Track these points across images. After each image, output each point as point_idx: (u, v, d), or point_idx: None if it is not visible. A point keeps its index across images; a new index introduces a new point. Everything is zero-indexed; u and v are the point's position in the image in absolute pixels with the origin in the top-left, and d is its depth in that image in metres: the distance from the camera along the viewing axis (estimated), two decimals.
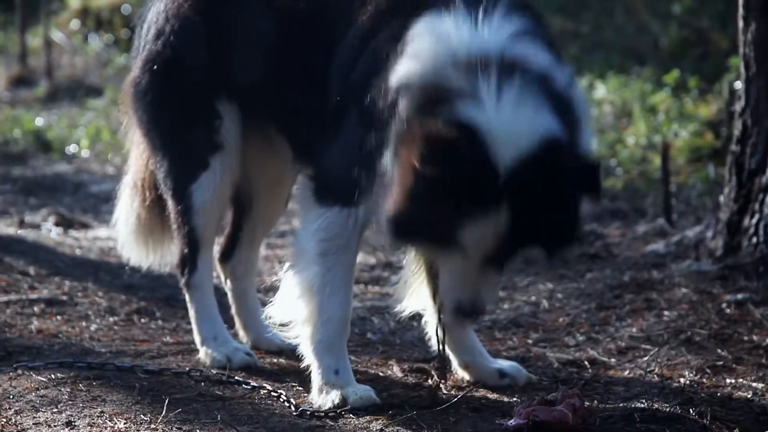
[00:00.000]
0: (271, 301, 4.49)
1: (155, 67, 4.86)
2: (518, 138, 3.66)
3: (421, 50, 3.91)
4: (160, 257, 5.21)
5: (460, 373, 4.65)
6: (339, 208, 4.24)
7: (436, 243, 3.88)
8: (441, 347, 4.45)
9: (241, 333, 5.23)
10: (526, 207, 3.69)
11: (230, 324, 5.15)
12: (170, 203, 4.93)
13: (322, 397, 4.27)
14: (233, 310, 5.27)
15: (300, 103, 4.56)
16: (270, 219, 5.34)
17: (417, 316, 4.78)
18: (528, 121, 3.70)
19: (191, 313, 5.01)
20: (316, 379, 4.31)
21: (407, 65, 3.91)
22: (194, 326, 5.00)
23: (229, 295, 5.29)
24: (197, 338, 4.98)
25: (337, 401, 4.22)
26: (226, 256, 5.29)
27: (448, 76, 3.80)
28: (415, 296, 4.71)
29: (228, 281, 5.29)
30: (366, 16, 4.26)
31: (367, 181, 4.10)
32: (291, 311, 4.37)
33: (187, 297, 5.02)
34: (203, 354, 4.93)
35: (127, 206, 5.20)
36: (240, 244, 5.26)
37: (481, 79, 3.74)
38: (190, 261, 4.94)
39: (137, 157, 5.14)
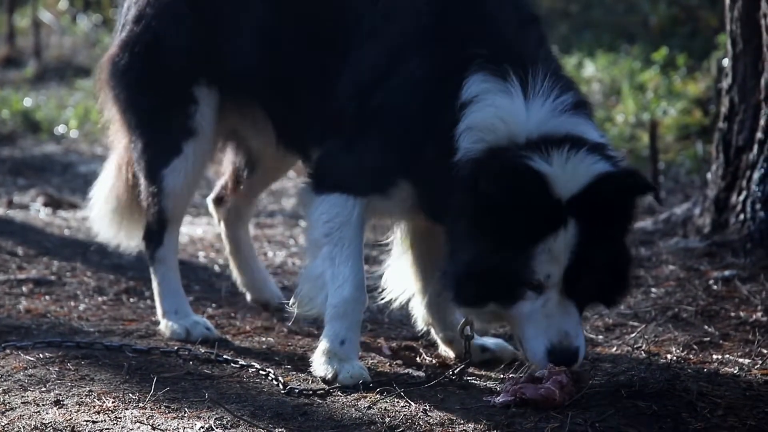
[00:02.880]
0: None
1: (135, 48, 4.89)
2: (578, 176, 3.86)
3: (482, 127, 4.02)
4: (130, 239, 5.28)
5: (443, 349, 4.67)
6: (339, 194, 4.32)
7: (510, 284, 3.94)
8: (466, 348, 4.47)
9: (235, 273, 5.42)
10: (589, 223, 3.88)
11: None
12: (142, 183, 5.00)
13: (319, 365, 4.31)
14: (227, 251, 5.46)
15: (294, 91, 4.59)
16: (270, 178, 5.49)
17: (406, 295, 4.79)
18: (587, 165, 3.89)
19: (154, 285, 5.09)
20: (322, 343, 4.34)
21: (469, 140, 4.02)
22: (157, 299, 5.09)
23: (223, 237, 5.46)
24: (159, 310, 5.07)
25: (329, 376, 4.25)
26: (219, 201, 5.42)
27: (514, 152, 3.94)
28: (404, 276, 4.72)
29: (221, 224, 5.45)
30: (392, 32, 4.30)
31: (377, 184, 4.28)
32: (310, 294, 4.39)
33: (151, 270, 5.10)
34: (164, 326, 5.00)
35: (109, 185, 5.25)
36: (236, 193, 5.37)
37: (544, 151, 3.91)
38: (156, 236, 5.02)
39: (118, 138, 5.17)
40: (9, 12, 16.74)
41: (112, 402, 4.03)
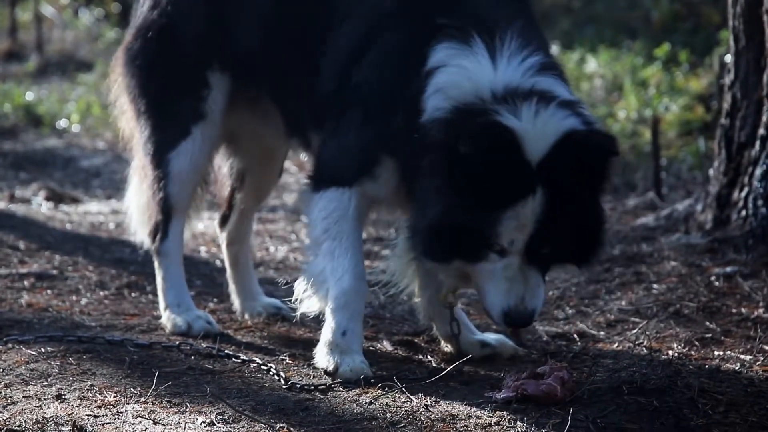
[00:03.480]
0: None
1: (149, 34, 4.93)
2: (548, 133, 3.85)
3: (448, 86, 4.05)
4: None
5: (443, 345, 4.67)
6: (335, 188, 4.35)
7: (475, 244, 3.95)
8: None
9: (233, 296, 5.33)
10: (557, 189, 3.86)
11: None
12: (148, 169, 5.01)
13: (321, 356, 4.34)
14: (227, 274, 5.37)
15: (293, 76, 4.62)
16: (262, 189, 5.42)
17: (407, 291, 4.79)
18: (557, 121, 3.88)
19: (158, 278, 5.09)
20: (324, 335, 4.35)
21: (436, 100, 4.05)
22: (160, 292, 5.08)
23: (225, 259, 5.41)
24: (162, 303, 5.06)
25: (330, 368, 4.27)
26: (223, 223, 5.41)
27: (481, 107, 3.96)
28: (405, 272, 4.72)
29: (223, 246, 5.42)
30: (365, 11, 4.37)
31: (364, 167, 4.29)
32: (312, 290, 4.43)
33: (155, 263, 5.10)
34: (165, 319, 5.01)
35: (136, 190, 5.25)
36: (233, 212, 5.36)
37: (512, 104, 3.92)
38: (162, 228, 5.02)
39: (133, 135, 5.17)
40: (11, 6, 16.74)
41: (114, 396, 4.03)
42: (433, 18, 4.18)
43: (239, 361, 4.49)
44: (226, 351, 4.60)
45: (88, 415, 3.85)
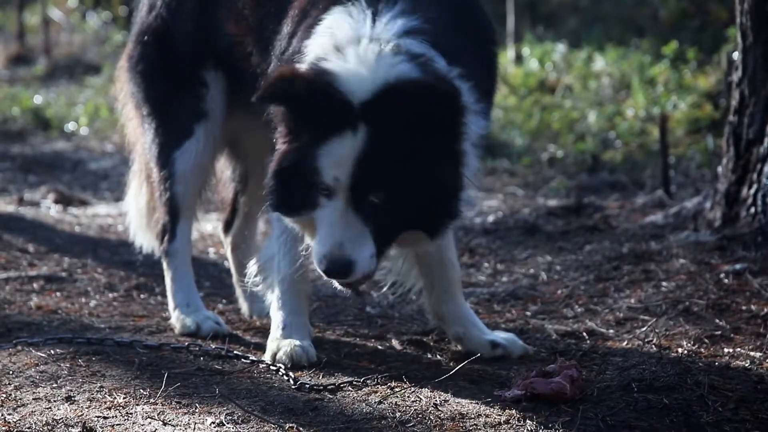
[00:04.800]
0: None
1: (146, 38, 5.03)
2: (375, 78, 3.86)
3: (312, 47, 4.12)
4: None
5: (453, 345, 4.66)
6: None
7: (304, 185, 3.94)
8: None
9: (240, 300, 5.34)
10: (384, 131, 3.84)
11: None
12: (153, 170, 5.05)
13: (268, 351, 4.50)
14: (233, 279, 5.41)
15: (260, 70, 4.67)
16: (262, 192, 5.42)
17: (414, 291, 4.79)
18: (385, 67, 3.89)
19: (167, 280, 5.11)
20: (271, 329, 4.56)
21: (306, 53, 4.13)
22: (168, 293, 5.10)
23: (230, 263, 5.45)
24: (170, 304, 5.08)
25: (269, 356, 4.46)
26: (227, 227, 5.45)
27: (326, 55, 4.01)
28: (410, 271, 4.72)
29: (228, 250, 5.45)
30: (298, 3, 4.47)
31: None
32: (261, 277, 4.63)
33: (164, 264, 5.12)
34: (174, 319, 5.03)
35: (136, 194, 5.30)
36: (237, 217, 5.41)
37: (344, 53, 3.97)
38: (169, 229, 5.05)
39: (138, 140, 5.21)
40: (19, 10, 16.77)
41: (123, 398, 4.04)
42: None
43: (248, 361, 4.50)
44: (235, 351, 4.60)
45: (98, 417, 3.85)
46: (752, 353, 4.47)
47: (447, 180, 3.96)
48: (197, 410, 3.91)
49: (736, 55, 6.09)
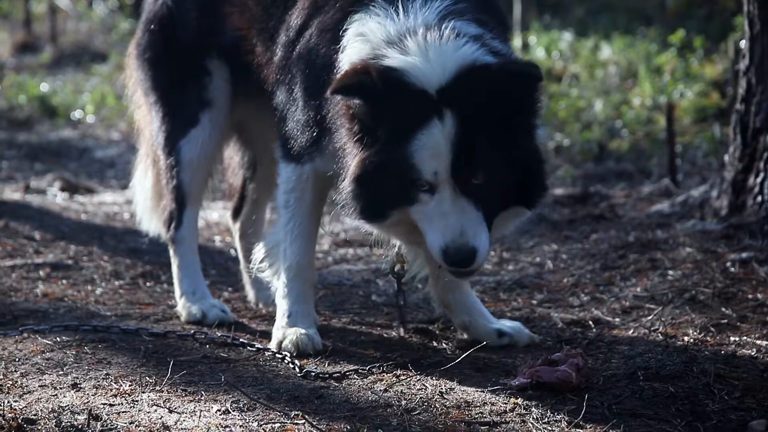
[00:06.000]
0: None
1: (153, 26, 5.06)
2: (445, 64, 3.85)
3: (351, 51, 4.11)
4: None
5: (459, 333, 4.66)
6: (293, 165, 4.49)
7: (399, 185, 3.90)
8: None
9: (247, 287, 5.36)
10: (469, 114, 3.82)
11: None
12: (161, 157, 5.08)
13: (273, 339, 4.52)
14: (241, 266, 5.42)
15: (265, 59, 4.70)
16: (274, 179, 5.39)
17: (421, 279, 4.79)
18: (453, 51, 3.88)
19: (173, 267, 5.13)
20: (276, 317, 4.57)
21: (343, 63, 4.12)
22: (175, 280, 5.11)
23: (237, 250, 5.48)
24: (177, 291, 5.10)
25: (275, 344, 4.48)
26: (236, 214, 5.48)
27: (382, 52, 3.98)
28: (415, 260, 4.72)
29: (236, 237, 5.48)
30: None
31: (312, 142, 4.36)
32: (267, 263, 4.65)
33: (171, 251, 5.15)
34: (180, 307, 5.04)
35: (142, 178, 5.33)
36: (246, 204, 5.44)
37: (402, 46, 3.95)
38: (176, 217, 5.08)
39: (146, 126, 5.24)
40: None
41: (129, 385, 4.04)
42: None
43: (254, 349, 4.50)
44: (240, 339, 4.60)
45: (104, 404, 3.86)
46: (758, 342, 4.46)
47: (535, 153, 4.00)
48: (203, 398, 3.92)
49: (743, 44, 6.07)
